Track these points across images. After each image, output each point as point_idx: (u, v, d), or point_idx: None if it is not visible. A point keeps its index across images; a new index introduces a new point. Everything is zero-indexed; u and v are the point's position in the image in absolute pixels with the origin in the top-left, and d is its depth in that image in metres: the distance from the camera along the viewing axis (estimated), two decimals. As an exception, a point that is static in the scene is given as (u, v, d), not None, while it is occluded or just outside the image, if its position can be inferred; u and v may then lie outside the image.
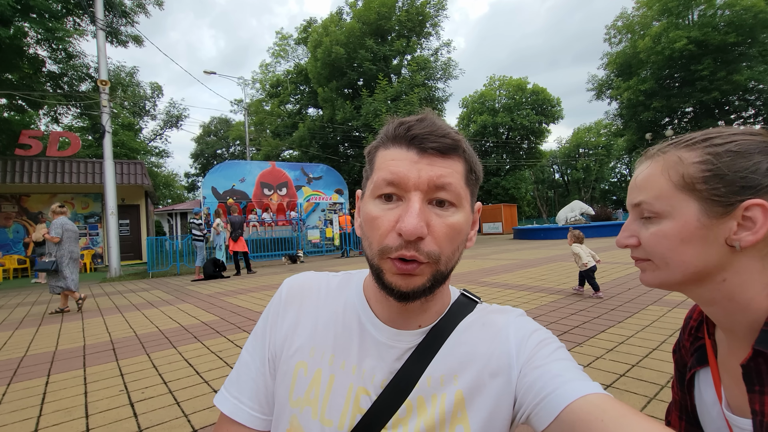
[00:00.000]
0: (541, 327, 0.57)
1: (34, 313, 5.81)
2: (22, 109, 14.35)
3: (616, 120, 30.30)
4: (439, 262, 0.50)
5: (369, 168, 0.56)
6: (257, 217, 14.31)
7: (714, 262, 0.53)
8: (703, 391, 0.64)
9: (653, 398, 2.05)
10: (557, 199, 42.91)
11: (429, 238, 0.48)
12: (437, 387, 0.53)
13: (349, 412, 0.53)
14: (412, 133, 0.50)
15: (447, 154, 0.51)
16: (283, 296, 0.63)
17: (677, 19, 23.76)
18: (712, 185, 0.52)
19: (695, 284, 0.56)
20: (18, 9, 9.95)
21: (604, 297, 4.62)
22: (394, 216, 0.49)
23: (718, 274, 0.54)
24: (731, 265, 0.53)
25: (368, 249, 0.52)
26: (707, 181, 0.53)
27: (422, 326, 0.57)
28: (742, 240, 0.51)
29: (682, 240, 0.54)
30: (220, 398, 0.60)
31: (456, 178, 0.51)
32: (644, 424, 0.38)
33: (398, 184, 0.50)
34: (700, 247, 0.53)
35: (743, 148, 0.52)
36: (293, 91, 29.44)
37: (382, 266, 0.50)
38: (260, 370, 0.59)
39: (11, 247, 12.48)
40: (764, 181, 0.50)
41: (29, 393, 2.63)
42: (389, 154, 0.52)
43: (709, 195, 0.52)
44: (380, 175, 0.51)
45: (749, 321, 0.53)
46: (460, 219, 0.51)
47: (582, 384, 0.45)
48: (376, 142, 0.56)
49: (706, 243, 0.53)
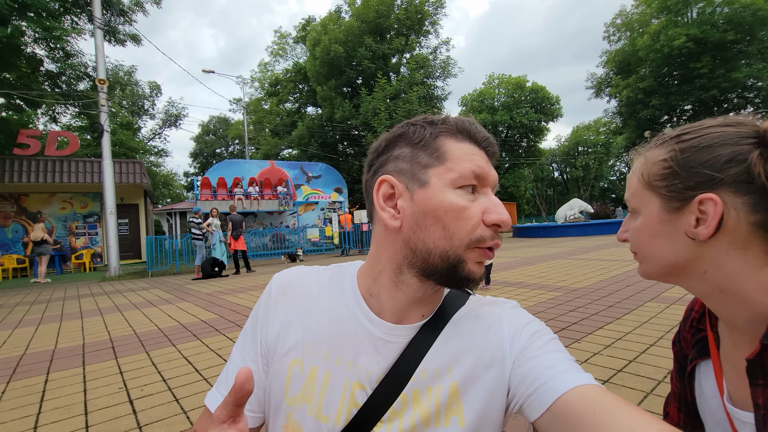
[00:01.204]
0: (534, 319, 0.57)
1: (33, 311, 5.82)
2: (20, 108, 14.31)
3: (615, 118, 30.33)
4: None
5: (425, 154, 0.53)
6: (243, 191, 14.28)
7: (684, 254, 0.55)
8: (704, 383, 0.64)
9: (650, 393, 2.06)
10: (556, 197, 42.93)
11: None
12: (432, 379, 0.53)
13: (345, 407, 0.53)
14: (483, 135, 0.55)
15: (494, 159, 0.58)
16: (273, 293, 0.62)
17: (676, 17, 23.75)
18: (670, 181, 0.55)
19: (678, 276, 0.58)
20: (15, 8, 9.93)
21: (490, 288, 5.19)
22: (481, 207, 0.52)
23: (695, 266, 0.55)
24: (706, 258, 0.53)
25: (446, 240, 0.50)
26: (666, 177, 0.55)
27: (425, 316, 0.57)
28: (699, 233, 0.52)
29: (650, 234, 0.58)
30: (210, 398, 0.59)
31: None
32: (635, 415, 0.39)
33: (483, 179, 0.53)
34: (667, 241, 0.56)
35: (708, 141, 0.53)
36: (292, 90, 29.40)
37: (467, 257, 0.51)
38: (250, 368, 0.59)
39: (10, 246, 12.47)
40: (720, 175, 0.50)
41: (29, 391, 2.64)
42: (466, 148, 0.54)
43: (666, 191, 0.55)
44: (467, 166, 0.52)
45: (749, 313, 0.52)
46: None
47: (574, 375, 0.46)
48: (434, 129, 0.54)
49: (671, 237, 0.56)
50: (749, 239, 0.50)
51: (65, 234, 13.34)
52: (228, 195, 14.13)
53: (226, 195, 14.12)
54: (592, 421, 0.40)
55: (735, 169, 0.50)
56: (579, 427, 0.41)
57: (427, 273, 0.52)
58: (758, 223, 0.49)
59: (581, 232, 16.37)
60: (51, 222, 13.07)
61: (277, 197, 14.78)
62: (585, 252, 9.64)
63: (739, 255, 0.51)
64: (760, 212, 0.49)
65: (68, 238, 13.38)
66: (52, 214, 13.14)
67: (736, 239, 0.51)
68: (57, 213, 13.25)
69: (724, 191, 0.50)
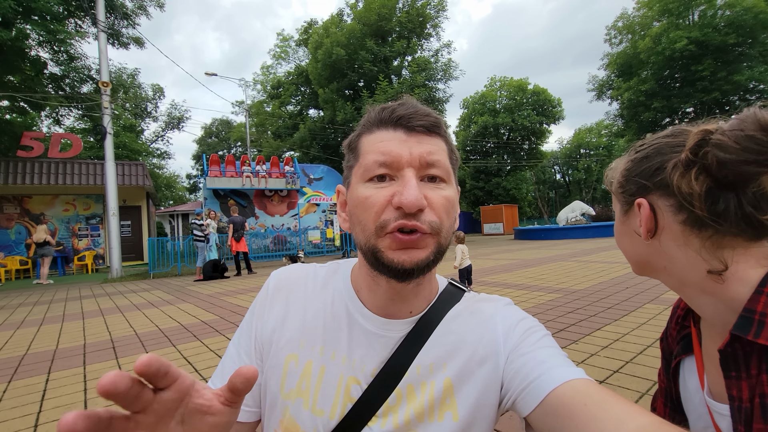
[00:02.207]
0: (528, 315, 0.58)
1: (35, 312, 5.85)
2: (24, 110, 14.44)
3: (617, 120, 30.24)
4: (441, 234, 0.50)
5: (352, 157, 0.56)
6: (251, 168, 14.37)
7: (643, 252, 0.63)
8: (687, 378, 0.66)
9: (645, 393, 2.07)
10: (558, 199, 42.86)
11: (428, 209, 0.49)
12: (426, 375, 0.53)
13: (340, 402, 0.53)
14: (397, 114, 0.52)
15: (432, 132, 0.53)
16: (270, 289, 0.63)
17: (677, 20, 23.72)
18: (623, 189, 0.64)
19: (650, 272, 0.64)
20: (20, 11, 10.02)
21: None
22: (389, 193, 0.49)
23: (656, 262, 0.61)
24: (659, 255, 0.60)
25: (362, 233, 0.52)
26: (621, 185, 0.64)
27: (413, 313, 0.57)
28: (641, 233, 0.60)
29: (619, 233, 0.68)
30: None
31: (442, 155, 0.53)
32: (624, 406, 0.39)
33: (390, 164, 0.50)
34: (629, 239, 0.65)
35: (648, 152, 0.60)
36: (294, 93, 29.50)
37: (380, 245, 0.50)
38: (244, 362, 0.60)
39: (13, 248, 12.53)
40: (649, 182, 0.59)
41: (30, 390, 2.66)
42: (376, 137, 0.52)
43: (620, 196, 0.65)
44: (370, 157, 0.51)
45: (713, 305, 0.55)
46: (451, 193, 0.53)
47: (566, 370, 0.46)
48: (357, 131, 0.57)
49: (630, 236, 0.64)
50: (684, 236, 0.55)
51: (68, 236, 13.41)
52: (236, 173, 14.21)
53: (234, 172, 14.22)
54: (583, 414, 0.40)
55: (659, 177, 0.57)
56: (570, 419, 0.41)
57: (369, 266, 0.54)
58: (685, 221, 0.55)
59: (583, 235, 16.33)
60: (54, 224, 13.14)
61: (284, 176, 14.84)
62: (586, 254, 9.63)
63: (682, 250, 0.56)
64: (684, 212, 0.54)
65: (71, 239, 13.45)
66: (55, 216, 13.22)
67: (674, 237, 0.56)
68: (60, 215, 13.32)
69: (654, 195, 0.58)
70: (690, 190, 0.52)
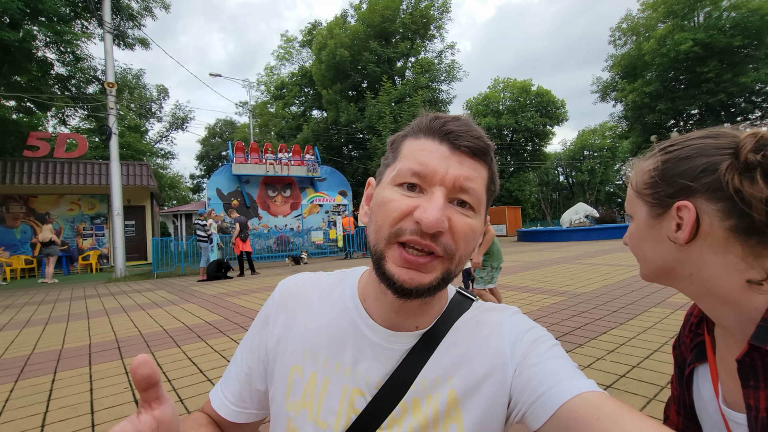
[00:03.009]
0: (536, 325, 0.56)
1: (40, 312, 5.88)
2: (30, 111, 14.56)
3: (621, 122, 30.16)
4: (453, 260, 0.49)
5: (392, 155, 0.54)
6: (273, 156, 14.75)
7: (670, 257, 0.59)
8: (701, 386, 0.65)
9: (653, 399, 2.05)
10: (562, 201, 42.69)
11: (447, 233, 0.47)
12: (432, 388, 0.52)
13: (344, 414, 0.52)
14: (447, 128, 0.49)
15: (477, 156, 0.50)
16: (276, 299, 0.63)
17: (682, 21, 23.64)
18: (654, 190, 0.59)
19: (669, 278, 0.61)
20: (27, 12, 10.10)
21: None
22: (413, 203, 0.47)
23: (681, 269, 0.58)
24: (690, 261, 0.56)
25: (375, 233, 0.50)
26: (651, 186, 0.60)
27: (420, 327, 0.55)
28: (678, 238, 0.56)
29: (641, 238, 0.63)
30: (213, 390, 0.65)
31: (480, 183, 0.50)
32: (639, 422, 0.38)
33: (424, 176, 0.48)
34: (654, 245, 0.61)
35: (687, 153, 0.57)
36: (298, 94, 29.59)
37: (387, 253, 0.48)
38: (245, 371, 0.61)
39: (19, 247, 12.62)
40: (695, 184, 0.54)
41: (36, 390, 2.68)
42: (419, 144, 0.51)
43: (651, 198, 0.60)
44: (406, 164, 0.50)
45: (735, 315, 0.54)
46: (477, 224, 0.50)
47: (577, 382, 0.45)
48: (405, 131, 0.55)
49: (657, 241, 0.60)
50: (727, 243, 0.52)
51: (72, 235, 13.49)
52: (260, 159, 14.63)
53: (258, 159, 14.61)
54: (595, 428, 0.39)
55: (708, 178, 0.53)
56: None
57: (375, 270, 0.52)
58: (732, 228, 0.52)
59: (586, 237, 16.26)
60: (59, 223, 13.23)
61: (305, 164, 15.28)
62: (590, 256, 9.59)
63: (719, 258, 0.53)
64: (733, 218, 0.51)
65: (75, 239, 13.52)
66: (60, 216, 13.30)
67: (714, 243, 0.53)
68: (65, 214, 13.40)
69: (699, 199, 0.54)
70: (753, 193, 0.49)
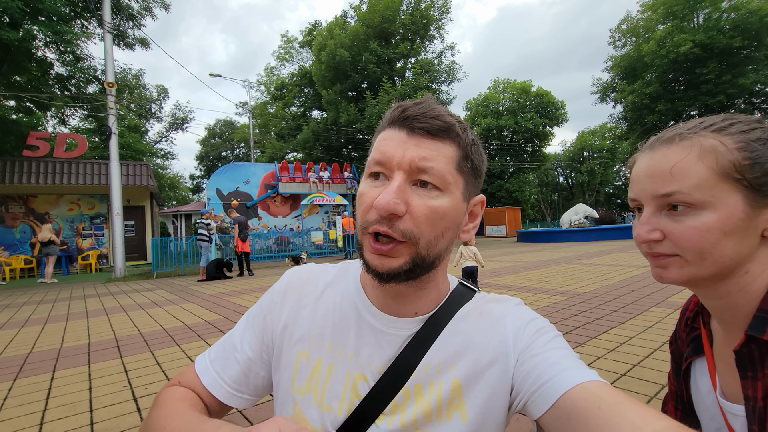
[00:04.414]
0: (538, 316, 0.57)
1: (40, 311, 5.87)
2: (30, 110, 14.54)
3: (621, 123, 30.18)
4: (418, 244, 0.49)
5: (370, 150, 0.58)
6: (315, 174, 15.45)
7: (746, 254, 0.52)
8: (699, 380, 0.65)
9: (654, 397, 2.05)
10: (561, 202, 42.71)
11: (407, 217, 0.48)
12: (434, 374, 0.53)
13: (347, 398, 0.54)
14: (405, 114, 0.51)
15: (436, 135, 0.50)
16: (283, 287, 0.65)
17: (682, 23, 23.65)
18: (756, 173, 0.50)
19: (721, 278, 0.54)
20: (27, 12, 10.09)
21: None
22: (377, 193, 0.49)
23: (742, 266, 0.52)
24: (757, 257, 0.52)
25: (357, 226, 0.54)
26: (752, 169, 0.50)
27: (419, 314, 0.57)
28: None
29: (725, 233, 0.50)
30: (201, 366, 0.62)
31: (442, 161, 0.49)
32: (640, 411, 0.38)
33: (384, 163, 0.50)
34: (739, 239, 0.51)
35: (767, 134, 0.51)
36: (297, 94, 29.59)
37: (363, 242, 0.52)
38: (248, 355, 0.61)
39: (18, 247, 12.60)
40: None
41: (35, 388, 2.67)
42: (384, 135, 0.53)
43: (756, 184, 0.50)
44: (372, 155, 0.53)
45: (751, 309, 0.53)
46: (445, 203, 0.50)
47: (579, 372, 0.45)
48: (379, 126, 0.58)
49: (745, 235, 0.51)
50: None
51: (72, 235, 13.47)
52: (303, 178, 15.33)
53: (302, 178, 15.32)
54: (597, 417, 0.39)
55: None
56: (584, 423, 0.40)
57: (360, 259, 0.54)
58: None
59: (586, 238, 16.28)
60: (58, 223, 13.21)
61: (345, 181, 16.02)
62: (589, 257, 9.58)
63: None
64: None
65: (75, 239, 13.50)
66: (59, 215, 13.28)
67: None
68: (64, 214, 13.39)
69: None
70: None
